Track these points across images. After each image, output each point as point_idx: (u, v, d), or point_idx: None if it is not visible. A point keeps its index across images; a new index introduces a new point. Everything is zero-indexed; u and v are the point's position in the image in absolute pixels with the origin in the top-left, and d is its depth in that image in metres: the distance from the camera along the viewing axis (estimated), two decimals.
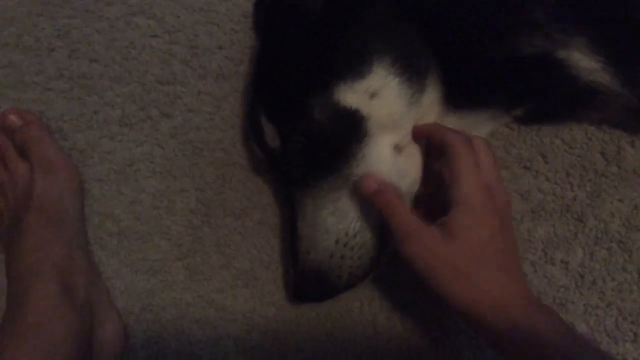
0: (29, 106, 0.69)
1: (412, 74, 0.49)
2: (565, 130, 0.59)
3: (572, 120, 0.59)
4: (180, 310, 0.57)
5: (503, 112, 0.55)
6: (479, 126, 0.55)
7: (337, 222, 0.50)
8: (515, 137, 0.59)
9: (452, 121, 0.52)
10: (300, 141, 0.50)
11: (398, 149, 0.51)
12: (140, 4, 0.72)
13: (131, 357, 0.56)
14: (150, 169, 0.64)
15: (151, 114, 0.67)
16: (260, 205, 0.61)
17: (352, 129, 0.49)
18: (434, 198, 0.50)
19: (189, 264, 0.59)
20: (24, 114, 0.66)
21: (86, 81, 0.69)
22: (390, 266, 0.56)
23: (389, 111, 0.49)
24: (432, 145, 0.50)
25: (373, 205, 0.48)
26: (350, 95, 0.48)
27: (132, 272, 0.59)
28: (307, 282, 0.50)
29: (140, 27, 0.71)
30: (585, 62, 0.50)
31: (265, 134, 0.53)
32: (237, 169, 0.63)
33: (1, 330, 0.51)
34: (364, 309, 0.56)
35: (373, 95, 0.49)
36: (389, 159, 0.50)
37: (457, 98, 0.52)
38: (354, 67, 0.49)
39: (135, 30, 0.71)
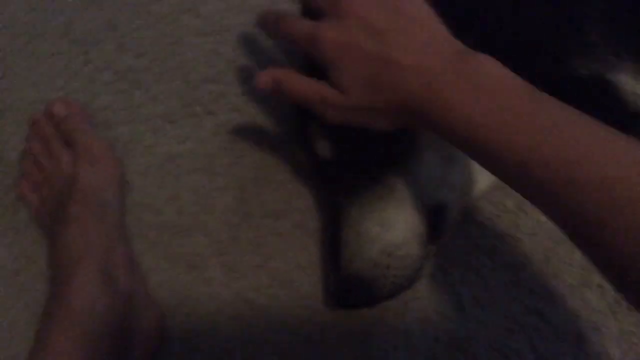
0: (75, 96, 0.70)
1: None
2: None
3: None
4: (216, 307, 0.58)
5: None
6: None
7: (383, 232, 0.50)
8: None
9: None
10: (350, 151, 0.50)
11: (448, 159, 0.51)
12: (188, 2, 0.73)
13: (166, 350, 0.56)
14: (191, 165, 0.65)
15: (195, 111, 0.67)
16: (299, 208, 0.61)
17: (403, 141, 0.49)
18: None
19: (225, 261, 0.60)
20: (69, 104, 0.67)
21: (132, 75, 0.71)
22: (427, 277, 0.56)
23: None
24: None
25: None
26: None
27: (170, 265, 0.60)
28: (350, 289, 0.50)
29: (188, 26, 0.72)
30: (635, 87, 0.50)
31: (313, 142, 0.53)
32: (277, 171, 0.63)
33: (45, 316, 0.52)
34: (397, 318, 0.56)
35: None
36: (439, 170, 0.51)
37: None
38: None
39: (182, 28, 0.72)
